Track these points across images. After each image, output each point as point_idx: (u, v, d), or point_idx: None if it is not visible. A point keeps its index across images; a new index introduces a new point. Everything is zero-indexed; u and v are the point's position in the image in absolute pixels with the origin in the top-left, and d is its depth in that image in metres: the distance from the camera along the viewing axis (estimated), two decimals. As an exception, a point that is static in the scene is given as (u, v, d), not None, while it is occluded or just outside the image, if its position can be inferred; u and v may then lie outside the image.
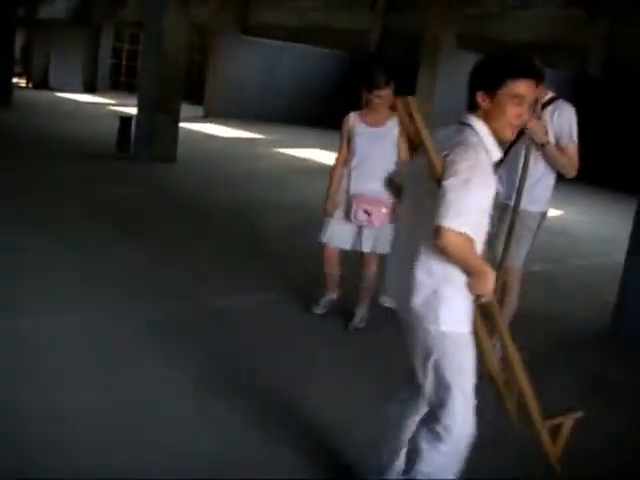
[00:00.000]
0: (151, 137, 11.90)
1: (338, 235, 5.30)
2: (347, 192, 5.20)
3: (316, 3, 26.50)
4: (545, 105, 4.59)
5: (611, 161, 15.51)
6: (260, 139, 17.76)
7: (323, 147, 16.92)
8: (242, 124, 19.93)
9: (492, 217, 4.72)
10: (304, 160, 14.96)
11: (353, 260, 5.53)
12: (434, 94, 15.73)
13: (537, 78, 2.78)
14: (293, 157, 15.28)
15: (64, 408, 3.81)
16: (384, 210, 5.05)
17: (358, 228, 5.20)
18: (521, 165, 4.62)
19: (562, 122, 4.57)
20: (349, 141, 5.22)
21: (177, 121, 12.22)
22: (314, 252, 5.77)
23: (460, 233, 2.63)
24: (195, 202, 9.38)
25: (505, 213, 4.77)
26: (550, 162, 4.64)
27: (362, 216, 5.06)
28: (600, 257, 9.05)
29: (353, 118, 5.19)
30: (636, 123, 16.01)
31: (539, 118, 4.51)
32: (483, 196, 2.72)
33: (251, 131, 18.88)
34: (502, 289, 4.82)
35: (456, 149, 2.73)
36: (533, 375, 3.07)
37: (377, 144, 5.12)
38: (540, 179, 4.70)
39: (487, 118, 2.80)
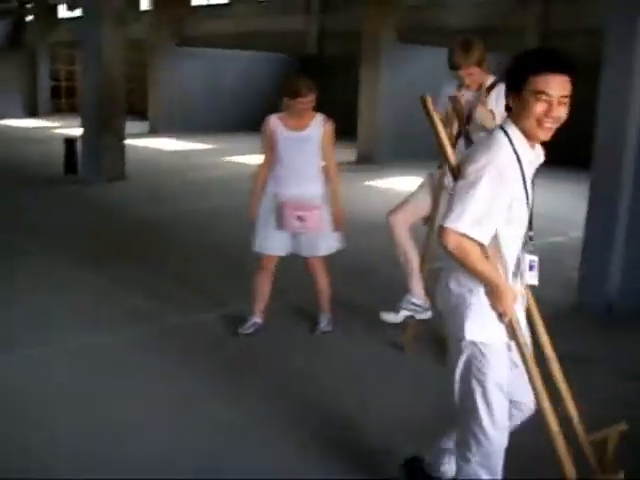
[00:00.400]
0: (97, 157, 11.74)
1: (272, 242, 5.15)
2: (276, 198, 5.06)
3: (251, 9, 26.45)
4: (489, 90, 4.59)
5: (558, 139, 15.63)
6: (209, 149, 17.63)
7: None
8: (190, 136, 19.76)
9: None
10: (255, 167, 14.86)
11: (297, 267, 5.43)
12: (378, 89, 15.78)
13: (562, 71, 2.63)
14: (244, 164, 15.16)
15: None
16: (317, 212, 4.97)
17: (289, 234, 5.10)
18: None
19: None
20: (271, 146, 5.08)
21: (122, 138, 12.06)
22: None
23: (461, 234, 2.60)
24: (149, 219, 9.25)
25: None
26: None
27: (296, 223, 4.95)
28: (556, 236, 9.11)
29: (274, 122, 5.06)
30: (583, 97, 16.17)
31: (484, 104, 4.50)
32: (496, 198, 2.63)
33: (199, 142, 18.74)
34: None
35: (474, 151, 2.72)
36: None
37: (302, 148, 5.02)
38: None
39: (517, 119, 2.72)
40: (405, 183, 13.31)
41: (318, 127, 5.03)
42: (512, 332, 2.81)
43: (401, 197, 12.00)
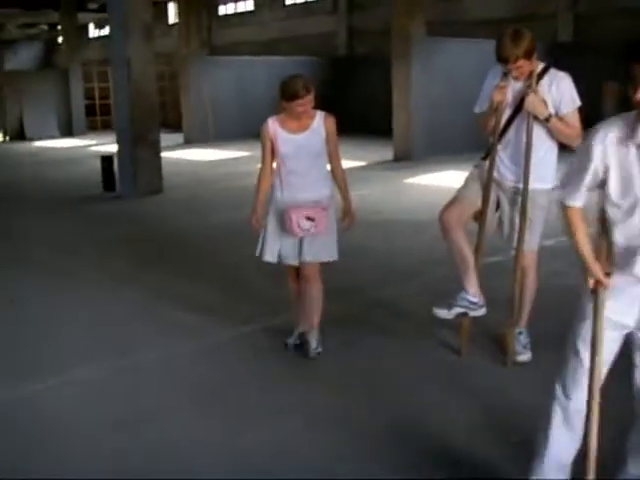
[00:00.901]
0: (134, 172, 11.73)
1: (287, 250, 4.84)
2: (282, 204, 4.76)
3: (276, 14, 26.47)
4: (539, 77, 4.42)
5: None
6: (242, 157, 17.55)
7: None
8: (225, 144, 19.77)
9: (502, 202, 4.65)
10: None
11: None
12: (411, 85, 15.63)
13: None
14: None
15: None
16: (326, 213, 4.71)
17: (297, 239, 4.76)
18: (523, 144, 4.48)
19: (561, 91, 4.38)
20: (273, 150, 4.79)
21: (158, 152, 12.05)
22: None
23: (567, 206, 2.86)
24: (186, 231, 9.20)
25: (515, 195, 4.63)
26: (555, 135, 4.46)
27: (307, 224, 4.64)
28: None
29: (272, 125, 4.74)
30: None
31: (535, 92, 4.34)
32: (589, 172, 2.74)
33: (234, 150, 18.70)
34: (521, 274, 4.69)
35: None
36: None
37: (306, 151, 4.72)
38: (544, 155, 4.53)
39: None
40: (444, 178, 13.16)
41: (320, 126, 4.74)
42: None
43: (441, 193, 11.88)
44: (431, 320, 5.31)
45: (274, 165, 4.84)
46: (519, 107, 4.47)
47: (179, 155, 17.88)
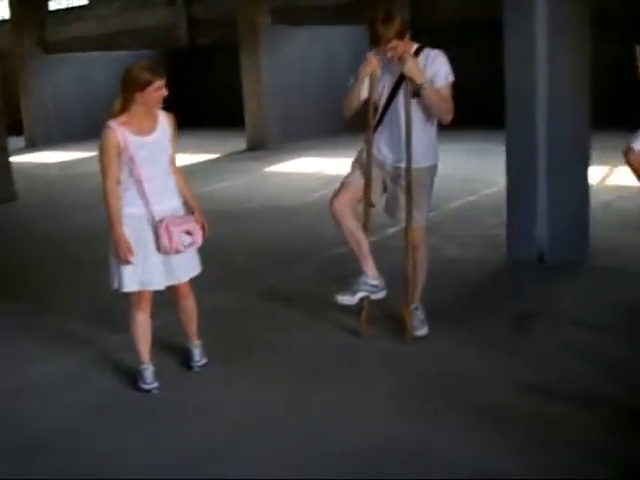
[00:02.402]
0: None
1: (153, 274, 4.24)
2: (147, 219, 4.18)
3: (114, 8, 25.70)
4: (415, 55, 4.52)
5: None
6: (92, 157, 16.84)
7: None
8: (70, 145, 19.01)
9: (387, 182, 4.75)
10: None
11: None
12: (260, 73, 15.63)
13: None
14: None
15: None
16: (196, 224, 4.28)
17: (165, 258, 4.24)
18: (402, 122, 4.58)
19: (436, 66, 4.51)
20: (117, 159, 4.12)
21: (7, 157, 11.46)
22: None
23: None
24: (51, 235, 8.83)
25: (398, 175, 4.73)
26: (428, 108, 4.54)
27: (187, 239, 4.19)
28: (469, 196, 9.23)
29: (119, 129, 4.08)
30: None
31: (413, 58, 4.44)
32: None
33: (81, 150, 18.02)
34: (412, 252, 4.79)
35: None
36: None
37: (159, 153, 4.22)
38: (424, 134, 4.63)
39: None
40: (302, 164, 13.28)
41: (164, 125, 4.25)
42: None
43: (303, 179, 12.00)
44: (324, 304, 5.39)
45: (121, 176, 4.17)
46: (397, 84, 4.56)
47: (25, 159, 17.08)
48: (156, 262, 4.22)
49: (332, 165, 12.51)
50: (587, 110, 6.22)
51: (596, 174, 7.66)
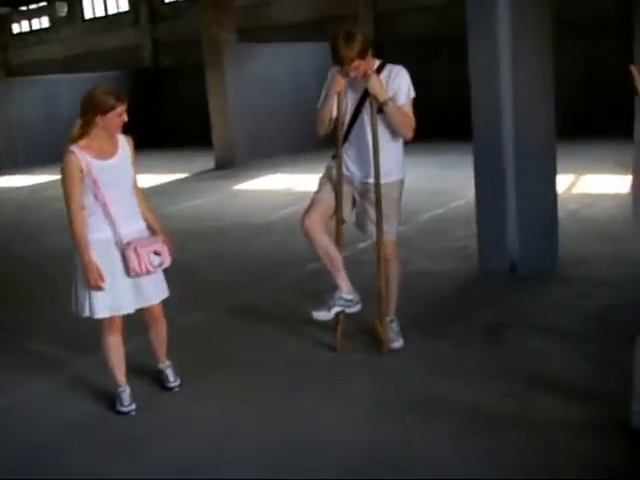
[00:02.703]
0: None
1: (123, 297, 4.20)
2: (116, 242, 4.14)
3: (78, 30, 25.66)
4: (377, 72, 4.55)
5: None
6: (56, 181, 16.83)
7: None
8: (36, 169, 18.84)
9: (356, 197, 4.76)
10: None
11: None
12: (226, 92, 15.65)
13: None
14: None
15: None
16: (164, 244, 4.26)
17: (134, 281, 4.21)
18: (368, 139, 4.61)
19: (397, 82, 4.54)
20: (79, 184, 4.04)
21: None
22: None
23: None
24: (24, 259, 8.74)
25: (366, 190, 4.75)
26: (391, 124, 4.57)
27: (156, 259, 4.18)
28: (437, 209, 9.29)
29: (80, 154, 4.02)
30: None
31: (376, 75, 4.46)
32: None
33: (47, 174, 17.83)
34: (384, 266, 4.81)
35: None
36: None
37: (122, 176, 4.19)
38: (388, 147, 4.65)
39: None
40: (271, 182, 13.30)
41: (125, 148, 4.22)
42: None
43: (272, 196, 12.01)
44: (298, 319, 5.39)
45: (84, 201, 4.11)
46: (361, 101, 4.58)
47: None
48: (125, 286, 4.18)
49: (301, 182, 12.56)
50: (553, 120, 6.29)
51: (562, 182, 7.74)
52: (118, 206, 4.13)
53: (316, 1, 19.69)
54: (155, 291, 4.35)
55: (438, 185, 10.83)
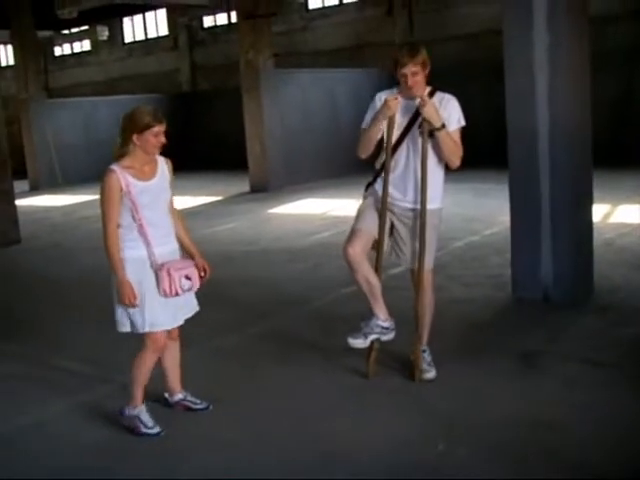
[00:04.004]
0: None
1: (165, 314, 4.27)
2: (151, 262, 4.19)
3: (117, 53, 26.08)
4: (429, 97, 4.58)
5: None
6: (96, 200, 17.00)
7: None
8: (74, 189, 19.15)
9: (395, 224, 4.75)
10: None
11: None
12: (263, 117, 15.78)
13: None
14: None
15: None
16: (195, 268, 4.33)
17: (166, 301, 4.24)
18: (415, 164, 4.61)
19: (448, 110, 4.56)
20: (118, 204, 4.12)
21: (12, 201, 11.53)
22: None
23: None
24: (54, 280, 8.84)
25: (406, 217, 4.74)
26: (440, 151, 4.57)
27: (186, 284, 4.24)
28: (471, 236, 9.26)
29: (121, 174, 4.09)
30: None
31: (428, 102, 4.46)
32: None
33: (85, 194, 18.12)
34: (420, 293, 4.78)
35: None
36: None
37: (159, 198, 4.24)
38: (434, 175, 4.64)
39: None
40: (305, 206, 13.35)
41: (164, 170, 4.31)
42: None
43: (306, 220, 12.03)
44: (331, 345, 5.39)
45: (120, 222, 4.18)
46: (411, 123, 4.58)
47: (29, 202, 17.16)
48: (164, 302, 4.22)
49: (335, 207, 12.60)
50: (589, 149, 6.27)
51: (598, 212, 7.69)
52: (154, 226, 4.18)
53: (353, 28, 19.84)
54: (184, 312, 4.39)
55: (472, 212, 10.80)
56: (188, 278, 4.24)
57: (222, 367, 5.27)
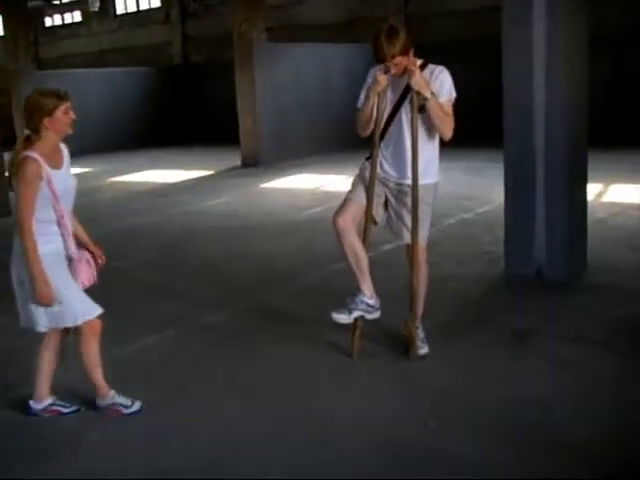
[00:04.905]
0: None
1: (89, 303, 4.05)
2: (66, 255, 4.00)
3: (108, 25, 25.83)
4: (420, 69, 4.51)
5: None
6: (89, 172, 16.93)
7: (156, 167, 16.53)
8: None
9: (390, 199, 4.72)
10: (144, 184, 14.39)
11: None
12: (255, 90, 15.66)
13: None
14: (132, 183, 14.68)
15: None
16: (91, 257, 4.15)
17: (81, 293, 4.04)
18: (407, 139, 4.56)
19: (439, 81, 4.50)
20: (35, 195, 3.80)
21: (3, 173, 11.43)
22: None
23: None
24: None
25: (400, 192, 4.70)
26: (432, 123, 4.51)
27: (95, 273, 4.13)
28: (463, 213, 9.24)
29: (40, 162, 3.78)
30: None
31: (419, 72, 4.41)
32: None
33: (76, 167, 17.96)
34: (415, 269, 4.74)
35: None
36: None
37: (71, 187, 3.99)
38: (425, 148, 4.60)
39: None
40: (298, 181, 13.29)
41: (67, 156, 4.02)
42: None
43: (299, 195, 11.97)
44: (319, 321, 5.34)
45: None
46: (400, 100, 4.54)
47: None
48: (81, 293, 4.02)
49: (328, 182, 12.55)
50: (585, 128, 6.24)
51: (591, 191, 7.67)
52: (67, 217, 3.97)
53: (347, 2, 19.69)
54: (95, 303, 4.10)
55: (465, 190, 10.77)
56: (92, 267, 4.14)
57: (208, 344, 5.25)
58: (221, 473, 3.59)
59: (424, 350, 4.80)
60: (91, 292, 4.09)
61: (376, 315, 4.73)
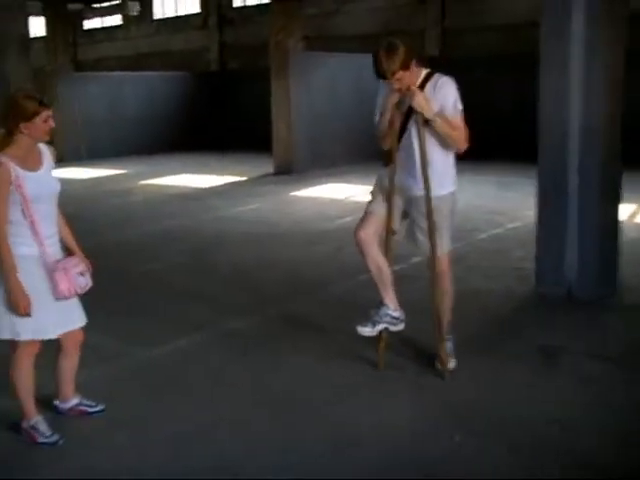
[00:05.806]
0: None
1: (49, 322, 3.89)
2: (42, 262, 3.84)
3: (146, 29, 26.09)
4: (424, 82, 4.50)
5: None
6: (120, 174, 17.12)
7: (190, 171, 16.67)
8: (98, 163, 19.21)
9: (407, 209, 4.71)
10: (176, 187, 14.51)
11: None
12: (290, 99, 15.75)
13: None
14: (165, 186, 14.81)
15: None
16: (84, 265, 4.02)
17: (59, 304, 3.90)
18: (415, 152, 4.54)
19: (444, 93, 4.46)
20: (7, 198, 3.71)
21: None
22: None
23: None
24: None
25: (415, 203, 4.68)
26: (441, 138, 4.49)
27: (82, 281, 3.94)
28: (494, 228, 9.19)
29: (10, 165, 3.69)
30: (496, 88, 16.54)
31: (420, 91, 4.39)
32: None
33: (108, 168, 18.21)
34: (438, 280, 4.73)
35: None
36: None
37: (49, 190, 3.88)
38: (440, 161, 4.58)
39: None
40: (329, 190, 13.32)
41: (50, 160, 3.92)
42: None
43: (329, 204, 11.97)
44: (345, 331, 5.32)
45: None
46: (408, 115, 4.52)
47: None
48: (51, 308, 3.87)
49: (359, 192, 12.55)
50: (619, 146, 6.20)
51: (624, 210, 7.61)
52: (44, 222, 3.83)
53: (384, 14, 19.72)
54: (79, 314, 4.05)
55: (496, 205, 10.71)
56: (82, 275, 3.95)
57: (233, 351, 5.28)
58: (238, 474, 3.62)
59: (451, 364, 4.78)
60: (123, 294, 4.11)
61: (400, 327, 4.73)
